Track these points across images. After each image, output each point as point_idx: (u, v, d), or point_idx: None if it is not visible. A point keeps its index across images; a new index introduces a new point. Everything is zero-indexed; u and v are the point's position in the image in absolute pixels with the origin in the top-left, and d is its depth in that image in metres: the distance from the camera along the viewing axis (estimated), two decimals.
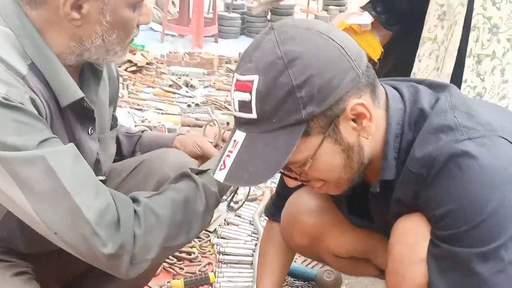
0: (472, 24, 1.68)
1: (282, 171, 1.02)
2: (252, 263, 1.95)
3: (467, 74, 1.71)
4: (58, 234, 0.94)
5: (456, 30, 1.71)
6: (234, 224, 2.23)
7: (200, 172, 1.14)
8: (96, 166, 1.19)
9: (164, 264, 1.90)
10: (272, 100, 0.88)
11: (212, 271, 1.89)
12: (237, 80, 0.93)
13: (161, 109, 3.47)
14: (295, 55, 0.88)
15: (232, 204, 2.33)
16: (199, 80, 4.10)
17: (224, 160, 0.95)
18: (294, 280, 1.88)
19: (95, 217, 0.93)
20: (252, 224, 2.23)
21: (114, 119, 1.37)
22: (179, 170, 1.28)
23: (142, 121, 3.19)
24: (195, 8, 5.42)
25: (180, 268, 1.91)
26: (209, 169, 1.14)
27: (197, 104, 3.53)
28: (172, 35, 5.81)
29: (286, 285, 1.85)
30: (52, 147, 0.94)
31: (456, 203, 0.91)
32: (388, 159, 1.01)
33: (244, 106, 0.91)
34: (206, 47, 5.47)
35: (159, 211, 1.03)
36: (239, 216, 2.29)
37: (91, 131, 1.15)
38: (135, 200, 1.04)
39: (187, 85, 3.95)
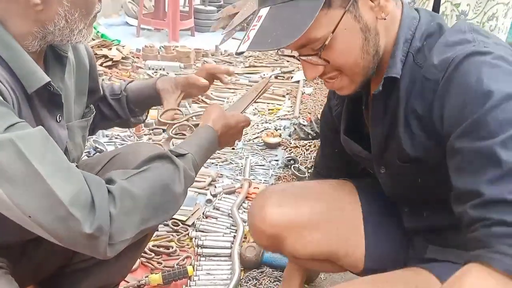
0: (440, 12, 1.69)
1: (302, 57, 1.05)
2: (230, 256, 1.95)
3: None
4: (33, 217, 0.92)
5: None
6: (212, 217, 2.23)
7: (179, 155, 1.14)
8: (65, 155, 1.17)
9: (142, 259, 1.90)
10: None
11: (190, 265, 1.89)
12: None
13: None
14: None
15: (210, 196, 2.34)
16: (175, 74, 4.08)
17: (248, 34, 1.00)
18: (273, 271, 1.89)
19: (69, 199, 0.92)
20: (231, 217, 2.22)
21: (91, 111, 1.34)
22: None
23: None
24: (171, 2, 5.38)
25: (158, 263, 1.90)
26: (188, 153, 1.15)
27: None
28: (148, 29, 5.76)
29: (265, 276, 1.86)
30: (20, 131, 0.92)
31: (470, 93, 0.88)
32: (395, 57, 1.05)
33: None
34: (182, 40, 5.43)
35: (136, 192, 1.01)
36: (217, 209, 2.29)
37: (59, 118, 1.14)
38: (110, 181, 1.02)
39: None
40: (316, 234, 1.33)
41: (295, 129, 3.12)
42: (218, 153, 2.80)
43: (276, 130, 3.20)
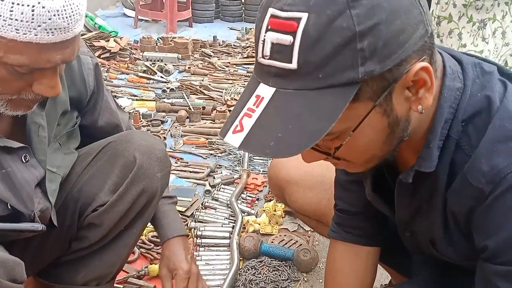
0: None
1: None
2: (229, 246, 1.96)
3: None
4: None
5: None
6: (211, 208, 2.24)
7: None
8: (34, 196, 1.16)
9: (141, 249, 1.91)
10: (323, 48, 0.68)
11: None
12: (274, 16, 0.71)
13: (136, 95, 3.44)
14: None
15: (208, 187, 2.35)
16: (173, 65, 4.07)
17: (241, 120, 0.74)
18: (272, 260, 1.90)
19: None
20: (230, 207, 2.23)
21: (72, 120, 1.29)
22: (145, 151, 1.28)
23: None
24: None
25: (158, 253, 1.91)
26: None
27: (172, 89, 3.50)
28: (146, 20, 5.74)
29: (264, 265, 1.87)
30: None
31: None
32: (430, 148, 0.84)
33: (281, 52, 0.71)
34: (180, 31, 5.42)
35: None
36: (216, 200, 2.30)
37: (24, 158, 1.11)
38: None
39: (161, 71, 3.92)
40: (309, 193, 1.43)
41: None
42: (217, 143, 2.80)
43: None
